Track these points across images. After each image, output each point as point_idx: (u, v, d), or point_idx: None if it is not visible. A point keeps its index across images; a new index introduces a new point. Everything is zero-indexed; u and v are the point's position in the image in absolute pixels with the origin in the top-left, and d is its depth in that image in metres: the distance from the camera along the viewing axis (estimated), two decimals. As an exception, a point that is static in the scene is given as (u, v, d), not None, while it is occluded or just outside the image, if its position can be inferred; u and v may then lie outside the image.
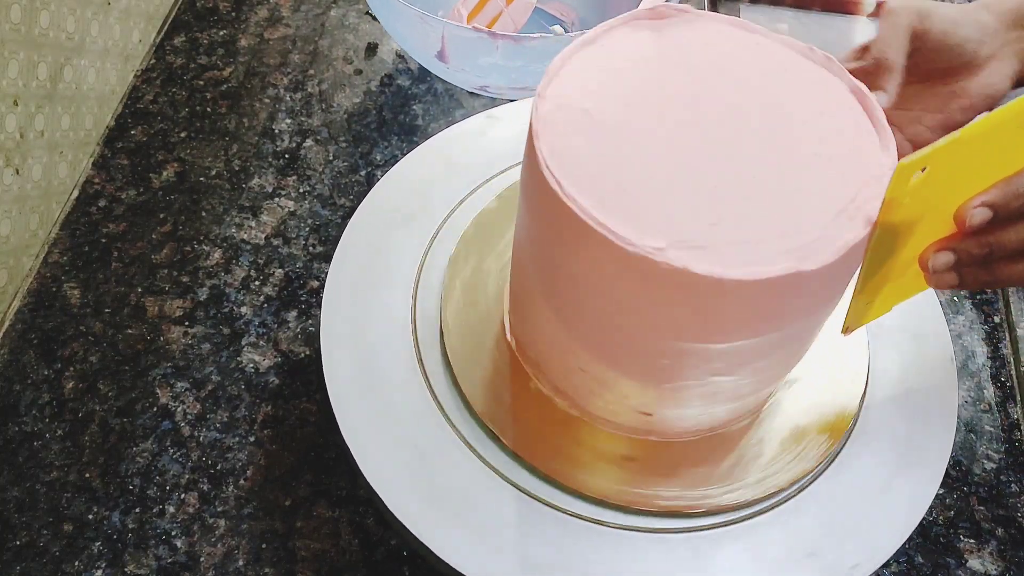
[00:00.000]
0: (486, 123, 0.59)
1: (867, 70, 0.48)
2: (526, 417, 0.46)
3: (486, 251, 0.52)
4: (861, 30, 0.79)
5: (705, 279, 0.34)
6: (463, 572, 0.41)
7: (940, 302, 0.53)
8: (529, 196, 0.40)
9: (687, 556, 0.42)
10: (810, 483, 0.45)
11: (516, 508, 0.43)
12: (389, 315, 0.50)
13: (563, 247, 0.38)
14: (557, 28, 0.72)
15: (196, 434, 0.52)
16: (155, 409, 0.53)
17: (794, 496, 0.44)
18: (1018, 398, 0.57)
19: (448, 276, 0.51)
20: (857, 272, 0.39)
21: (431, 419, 0.46)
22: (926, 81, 0.51)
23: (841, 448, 0.46)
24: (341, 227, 0.55)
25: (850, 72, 0.51)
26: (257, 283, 0.59)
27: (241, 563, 0.48)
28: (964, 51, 0.49)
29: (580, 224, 0.35)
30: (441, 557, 0.41)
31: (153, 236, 0.61)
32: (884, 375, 0.49)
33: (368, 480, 0.43)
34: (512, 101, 0.63)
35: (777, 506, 0.44)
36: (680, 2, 0.79)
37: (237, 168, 0.66)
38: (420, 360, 0.48)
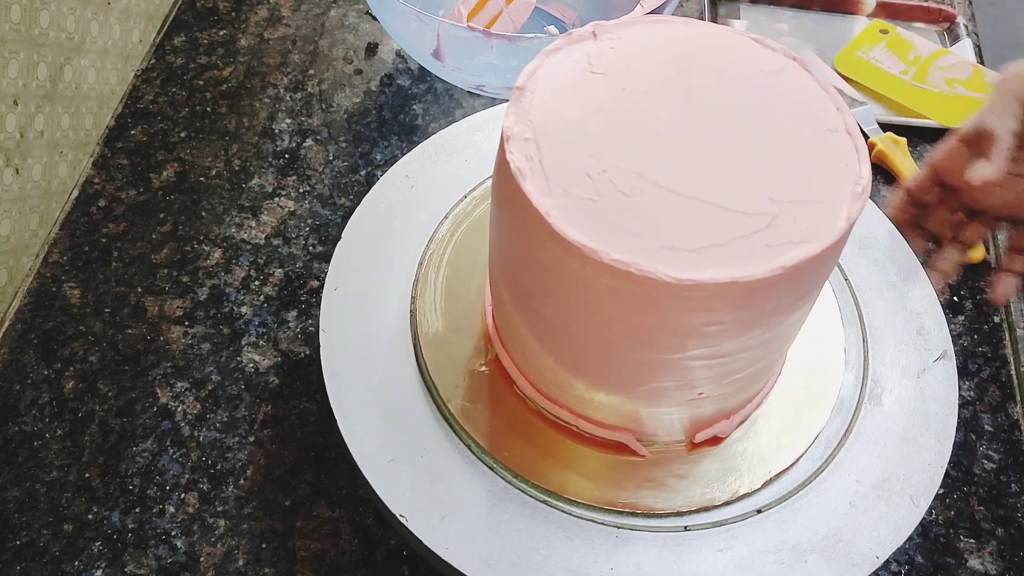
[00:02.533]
0: (486, 123, 0.59)
1: (969, 138, 0.48)
2: (515, 422, 0.46)
3: (472, 250, 0.52)
4: (861, 30, 0.79)
5: (670, 284, 0.34)
6: (463, 571, 0.41)
7: (940, 302, 0.53)
8: (497, 198, 0.41)
9: (681, 555, 0.42)
10: (808, 483, 0.45)
11: (516, 507, 0.43)
12: (389, 315, 0.50)
13: (527, 250, 0.38)
14: (552, 28, 0.72)
15: (196, 434, 0.52)
16: (155, 409, 0.53)
17: (793, 496, 0.44)
18: (1018, 398, 0.57)
19: (440, 273, 0.51)
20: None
21: (431, 419, 0.46)
22: None
23: (840, 448, 0.46)
24: (341, 227, 0.55)
25: (955, 143, 0.49)
26: (257, 283, 0.59)
27: (241, 563, 0.48)
28: None
29: (536, 218, 0.36)
30: (441, 556, 0.41)
31: (153, 236, 0.61)
32: (883, 375, 0.49)
33: (368, 480, 0.43)
34: (512, 101, 0.63)
35: (775, 505, 0.44)
36: (680, 3, 0.79)
37: (237, 168, 0.66)
38: (420, 359, 0.48)
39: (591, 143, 0.38)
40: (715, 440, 0.46)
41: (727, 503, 0.44)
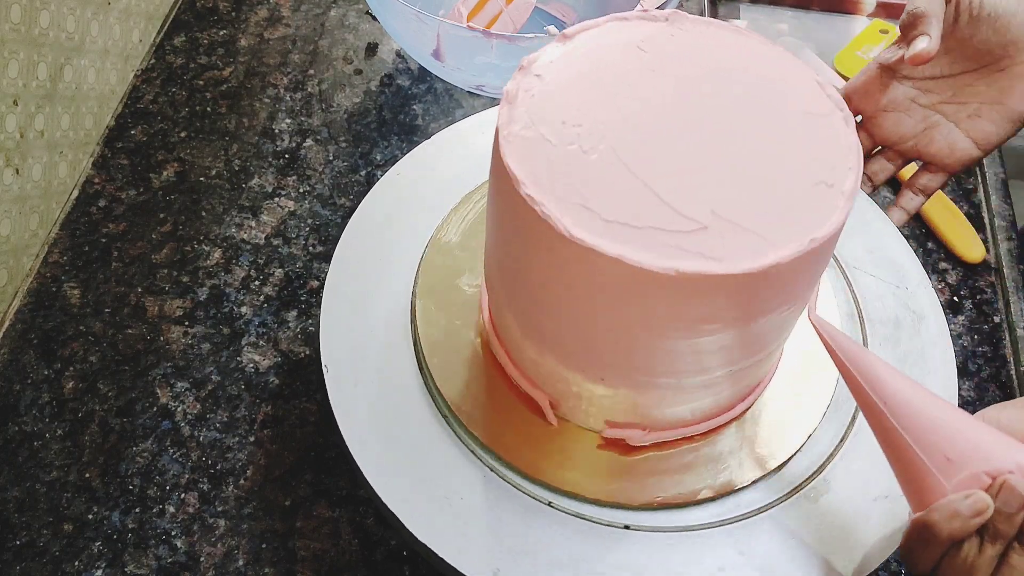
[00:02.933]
0: (486, 123, 0.59)
1: (904, 25, 0.45)
2: (516, 421, 0.46)
3: (472, 250, 0.52)
4: (861, 29, 0.79)
5: (661, 275, 0.34)
6: (463, 571, 0.41)
7: (940, 302, 0.53)
8: (492, 192, 0.41)
9: (682, 554, 0.42)
10: (808, 482, 0.45)
11: (517, 506, 0.43)
12: (389, 314, 0.50)
13: (520, 243, 0.39)
14: (552, 28, 0.73)
15: (196, 434, 0.52)
16: (155, 409, 0.53)
17: (792, 495, 0.44)
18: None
19: (432, 275, 0.51)
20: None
21: (431, 419, 0.46)
22: (980, 68, 0.47)
23: (839, 448, 0.46)
24: (341, 227, 0.55)
25: (874, 69, 0.49)
26: (257, 283, 0.59)
27: (241, 563, 0.48)
28: (1013, 24, 0.45)
29: (538, 220, 0.36)
30: (441, 556, 0.41)
31: (153, 236, 0.61)
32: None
33: (368, 480, 0.43)
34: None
35: (775, 505, 0.44)
36: (680, 4, 0.79)
37: (237, 168, 0.66)
38: (419, 359, 0.48)
39: (585, 135, 0.38)
40: (712, 432, 0.46)
41: (719, 496, 0.44)
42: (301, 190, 0.65)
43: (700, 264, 0.34)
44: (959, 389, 0.50)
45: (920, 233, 0.65)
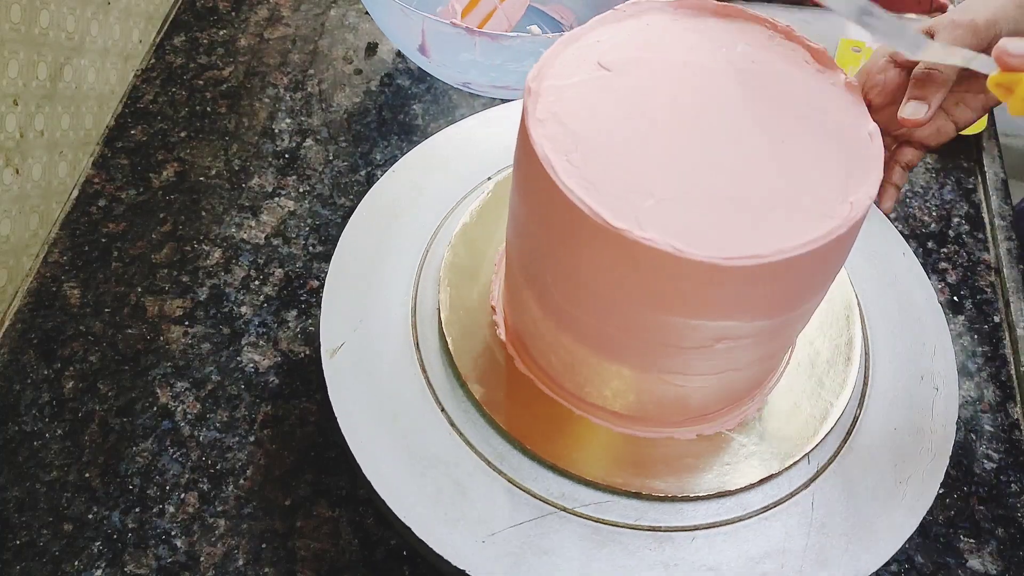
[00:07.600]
0: (485, 123, 0.59)
1: (918, 78, 0.50)
2: (525, 414, 0.46)
3: (480, 246, 0.52)
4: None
5: (686, 261, 0.34)
6: (464, 570, 0.41)
7: (940, 302, 0.53)
8: (519, 180, 0.41)
9: (682, 553, 0.42)
10: (809, 483, 0.45)
11: (516, 506, 0.43)
12: (389, 314, 0.50)
13: (548, 228, 0.39)
14: (534, 28, 0.72)
15: (196, 434, 0.52)
16: (155, 409, 0.53)
17: (793, 496, 0.44)
18: (1018, 398, 0.57)
19: (443, 272, 0.51)
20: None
21: (431, 418, 0.46)
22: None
23: (840, 448, 0.46)
24: (341, 227, 0.55)
25: (886, 82, 0.52)
26: (257, 283, 0.59)
27: (241, 563, 0.48)
28: (1001, 35, 0.51)
29: (567, 204, 0.36)
30: (441, 555, 0.41)
31: (153, 236, 0.61)
32: (884, 374, 0.49)
33: (368, 479, 0.43)
34: (512, 101, 0.63)
35: (775, 506, 0.44)
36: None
37: (237, 168, 0.66)
38: (420, 359, 0.48)
39: (619, 122, 0.38)
40: (723, 435, 0.46)
41: (727, 494, 0.44)
42: (301, 190, 0.65)
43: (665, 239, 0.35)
44: (959, 389, 0.50)
45: (920, 233, 0.65)
